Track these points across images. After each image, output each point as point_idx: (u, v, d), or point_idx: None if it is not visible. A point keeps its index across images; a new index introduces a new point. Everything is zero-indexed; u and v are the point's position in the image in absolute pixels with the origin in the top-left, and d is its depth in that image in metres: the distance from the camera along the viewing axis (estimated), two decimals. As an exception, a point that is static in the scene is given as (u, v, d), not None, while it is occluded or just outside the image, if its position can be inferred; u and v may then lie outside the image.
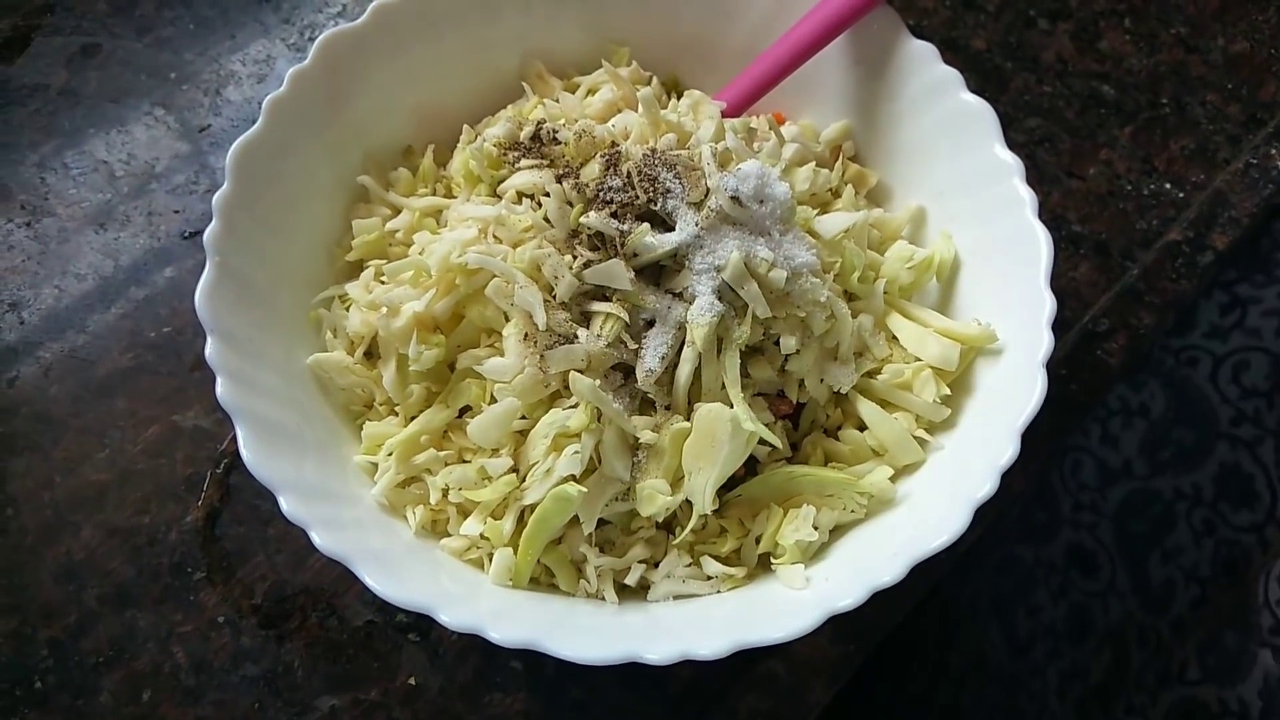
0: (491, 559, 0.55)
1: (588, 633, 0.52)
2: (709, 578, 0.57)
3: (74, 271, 0.73)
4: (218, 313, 0.55)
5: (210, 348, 0.53)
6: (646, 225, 0.56)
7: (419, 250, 0.61)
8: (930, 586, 0.65)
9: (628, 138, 0.62)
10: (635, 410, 0.56)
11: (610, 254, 0.55)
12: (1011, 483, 0.52)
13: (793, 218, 0.58)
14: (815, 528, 0.55)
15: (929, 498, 0.56)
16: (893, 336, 0.62)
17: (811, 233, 0.61)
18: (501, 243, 0.58)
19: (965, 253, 0.63)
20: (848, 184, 0.67)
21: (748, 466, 0.57)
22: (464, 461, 0.57)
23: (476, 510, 0.56)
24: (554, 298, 0.55)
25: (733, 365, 0.55)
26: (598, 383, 0.53)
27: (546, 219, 0.57)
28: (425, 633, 0.63)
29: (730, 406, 0.54)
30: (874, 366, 0.61)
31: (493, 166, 0.62)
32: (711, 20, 0.71)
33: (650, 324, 0.56)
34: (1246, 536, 0.88)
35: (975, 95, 0.61)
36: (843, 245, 0.61)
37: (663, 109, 0.64)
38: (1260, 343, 0.87)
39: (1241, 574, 0.87)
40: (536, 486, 0.54)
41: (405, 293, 0.58)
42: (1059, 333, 0.54)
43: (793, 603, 0.53)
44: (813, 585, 0.54)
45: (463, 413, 0.58)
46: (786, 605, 0.53)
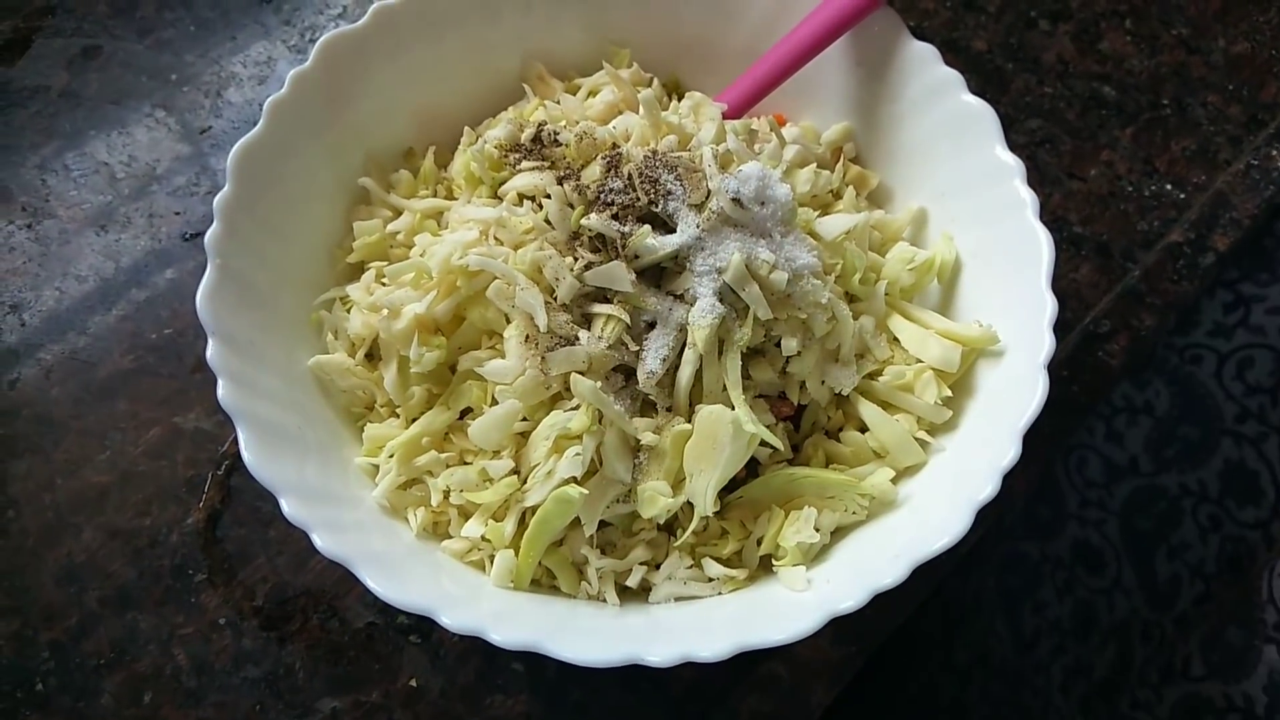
0: (493, 561, 0.55)
1: (589, 635, 0.52)
2: (710, 579, 0.57)
3: (75, 273, 0.73)
4: (219, 315, 0.55)
5: (211, 350, 0.53)
6: (648, 227, 0.56)
7: (420, 252, 0.61)
8: (932, 587, 0.65)
9: (629, 139, 0.62)
10: (636, 412, 0.56)
11: (611, 256, 0.55)
12: (1013, 484, 0.52)
13: (794, 219, 0.58)
14: (816, 529, 0.55)
15: (930, 499, 0.56)
16: (894, 338, 0.62)
17: (813, 234, 0.61)
18: (502, 244, 0.58)
19: (966, 254, 0.63)
20: (849, 185, 0.67)
21: (749, 468, 0.57)
22: (465, 463, 0.57)
23: (478, 512, 0.56)
24: (555, 299, 0.55)
25: (734, 367, 0.55)
26: (599, 384, 0.53)
27: (547, 221, 0.57)
28: (426, 634, 0.63)
29: (731, 408, 0.54)
30: (875, 368, 0.61)
31: (494, 168, 0.62)
32: (712, 22, 0.71)
33: (651, 326, 0.56)
34: (1251, 533, 0.89)
35: (976, 96, 0.61)
36: (844, 247, 0.61)
37: (664, 111, 0.64)
38: (1264, 340, 0.87)
39: (1246, 570, 0.87)
40: (538, 488, 0.54)
41: (406, 295, 0.58)
42: (1060, 334, 0.54)
43: (794, 605, 0.53)
44: (814, 587, 0.54)
45: (464, 414, 0.58)
46: (788, 607, 0.53)
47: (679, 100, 0.68)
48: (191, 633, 0.63)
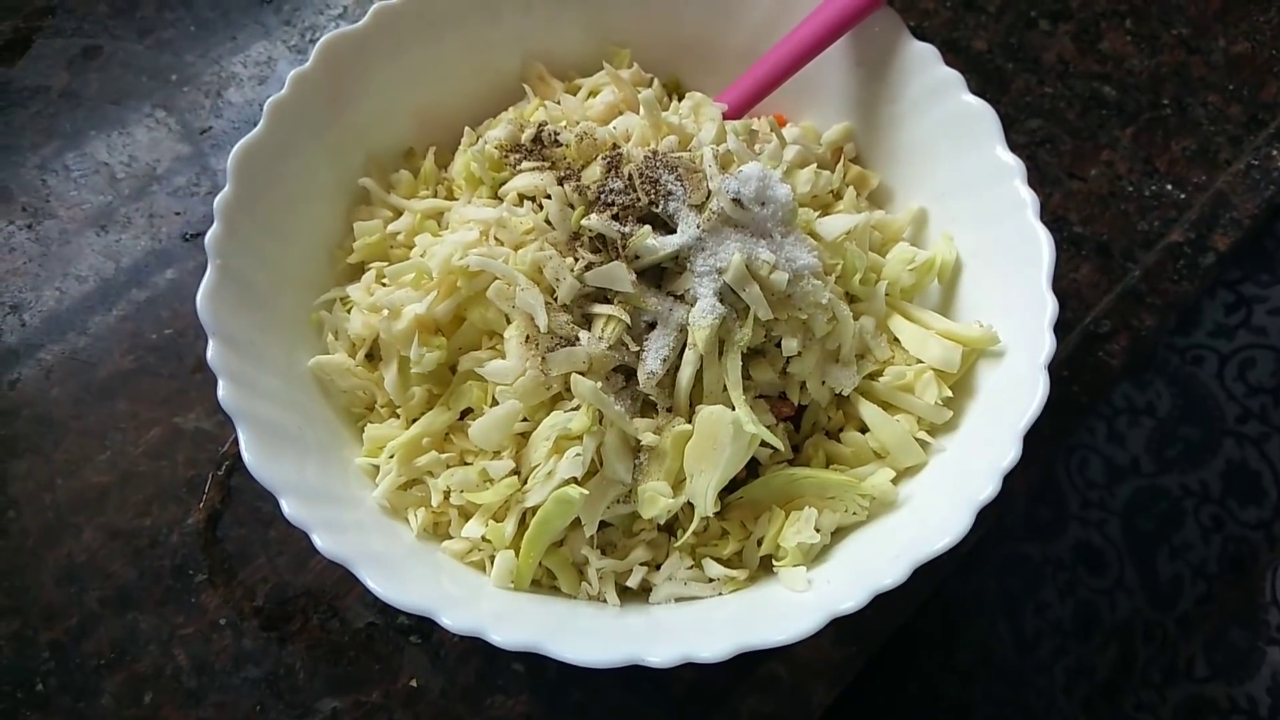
0: (493, 561, 0.55)
1: (589, 635, 0.52)
2: (710, 580, 0.57)
3: (75, 273, 0.73)
4: (219, 315, 0.55)
5: (212, 350, 0.53)
6: (648, 228, 0.56)
7: (420, 252, 0.61)
8: (933, 588, 0.65)
9: (629, 140, 0.62)
10: (637, 412, 0.55)
11: (612, 256, 0.55)
12: (1013, 484, 0.52)
13: (794, 220, 0.58)
14: (817, 530, 0.55)
15: (931, 500, 0.56)
16: (894, 338, 0.62)
17: (813, 235, 0.61)
18: (503, 245, 0.58)
19: (967, 254, 0.63)
20: (849, 186, 0.67)
21: (749, 469, 0.57)
22: (465, 464, 0.57)
23: (478, 513, 0.56)
24: (555, 300, 0.55)
25: (734, 367, 0.55)
26: (599, 385, 0.53)
27: (548, 221, 0.57)
28: (427, 635, 0.63)
29: (732, 409, 0.54)
30: (876, 368, 0.61)
31: (494, 169, 0.62)
32: (713, 22, 0.71)
33: (652, 326, 0.56)
34: (1254, 533, 0.89)
35: (976, 96, 0.61)
36: (844, 247, 0.61)
37: (664, 111, 0.64)
38: (1266, 340, 0.88)
39: (1248, 570, 0.87)
40: (538, 489, 0.54)
41: (407, 295, 0.58)
42: (1060, 334, 0.54)
43: (794, 605, 0.53)
44: (814, 587, 0.54)
45: (464, 415, 0.58)
46: (788, 608, 0.53)
47: (679, 100, 0.68)
48: (192, 633, 0.63)
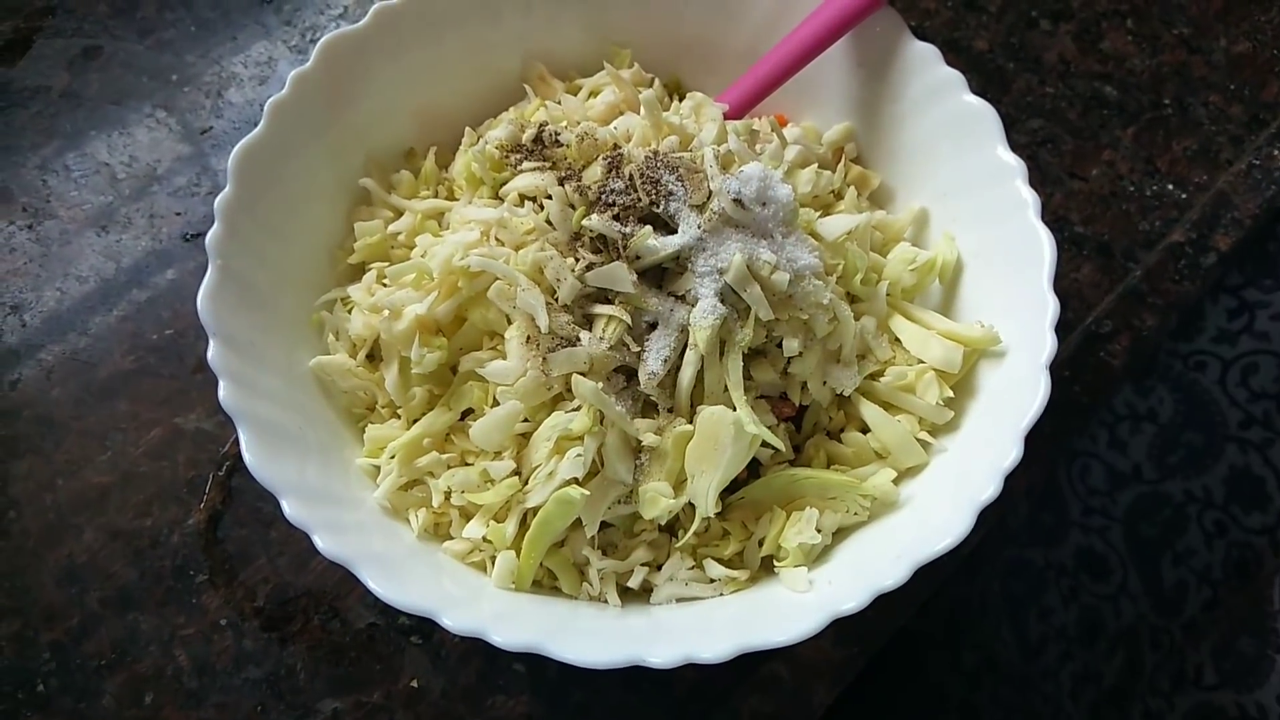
0: (494, 562, 0.55)
1: (590, 636, 0.52)
2: (712, 580, 0.57)
3: (75, 274, 0.73)
4: (219, 315, 0.55)
5: (212, 351, 0.53)
6: (649, 228, 0.56)
7: (421, 253, 0.61)
8: (934, 589, 0.65)
9: (630, 140, 0.62)
10: (638, 413, 0.55)
11: (612, 256, 0.55)
12: (1015, 485, 0.52)
13: (795, 220, 0.58)
14: (818, 530, 0.55)
15: (932, 500, 0.56)
16: (895, 339, 0.61)
17: (814, 235, 0.60)
18: (504, 245, 0.57)
19: (968, 255, 0.63)
20: (850, 186, 0.67)
21: (750, 469, 0.57)
22: (466, 464, 0.57)
23: (479, 513, 0.56)
24: (556, 300, 0.55)
25: (735, 368, 0.55)
26: (600, 385, 0.53)
27: (549, 221, 0.57)
28: (428, 635, 0.63)
29: (733, 409, 0.54)
30: (877, 369, 0.61)
31: (495, 169, 0.62)
32: (713, 22, 0.70)
33: (652, 326, 0.56)
34: (1258, 539, 0.89)
35: (977, 96, 0.61)
36: (845, 247, 0.61)
37: (665, 111, 0.64)
38: (1269, 346, 0.88)
39: (1254, 576, 0.87)
40: (539, 489, 0.54)
41: (407, 295, 0.58)
42: (1061, 334, 0.54)
43: (796, 606, 0.53)
44: (815, 588, 0.54)
45: (465, 415, 0.58)
46: (789, 608, 0.53)
47: (680, 101, 0.68)
48: (193, 633, 0.63)
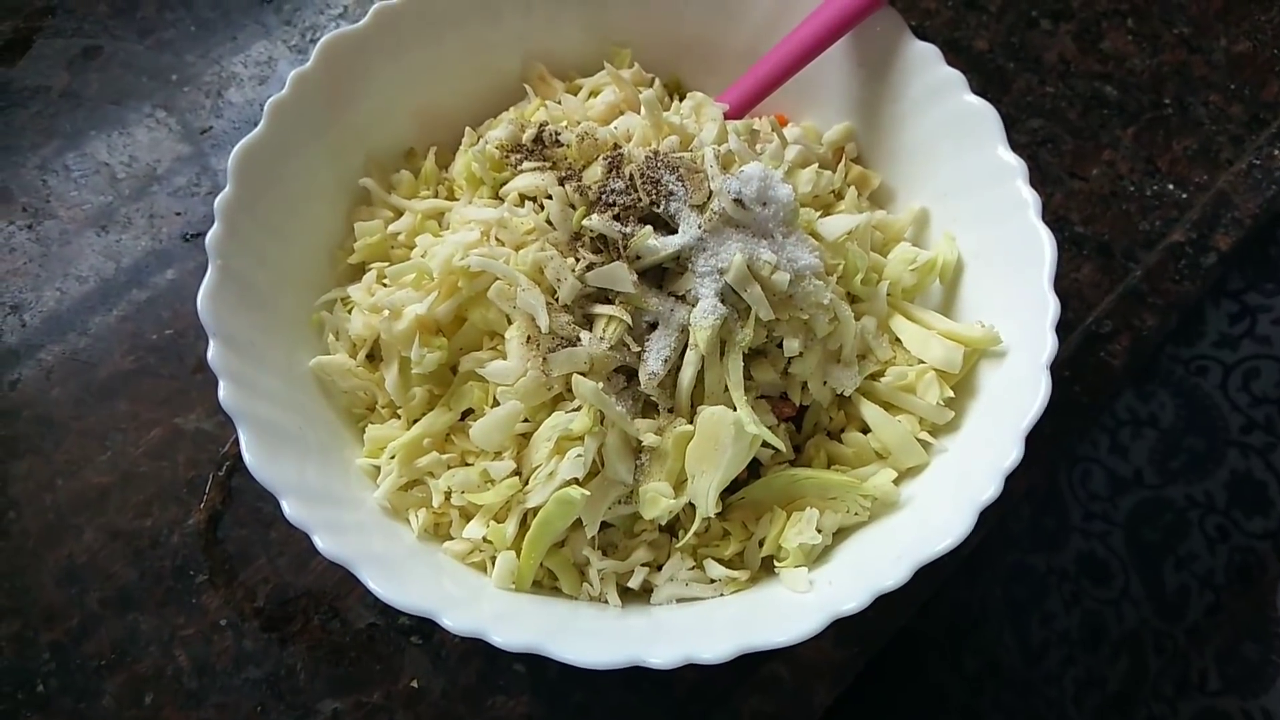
0: (494, 562, 0.55)
1: (590, 636, 0.52)
2: (712, 581, 0.57)
3: (75, 274, 0.73)
4: (219, 316, 0.55)
5: (212, 351, 0.53)
6: (649, 228, 0.56)
7: (421, 253, 0.61)
8: (934, 589, 0.65)
9: (630, 140, 0.62)
10: (638, 413, 0.55)
11: (613, 256, 0.55)
12: (1015, 486, 0.52)
13: (795, 220, 0.58)
14: (818, 531, 0.55)
15: (932, 500, 0.56)
16: (896, 339, 0.61)
17: (814, 235, 0.60)
18: (504, 245, 0.57)
19: (968, 255, 0.63)
20: (850, 186, 0.67)
21: (751, 469, 0.57)
22: (466, 465, 0.57)
23: (479, 513, 0.56)
24: (556, 300, 0.55)
25: (736, 368, 0.55)
26: (600, 385, 0.53)
27: (549, 221, 0.57)
28: (428, 636, 0.63)
29: (733, 409, 0.54)
30: (877, 369, 0.61)
31: (495, 169, 0.62)
32: (714, 22, 0.70)
33: (653, 326, 0.56)
34: (1261, 543, 0.88)
35: (978, 96, 0.61)
36: (845, 247, 0.61)
37: (665, 111, 0.64)
38: (1270, 350, 0.87)
39: (1256, 580, 0.87)
40: (539, 490, 0.54)
41: (407, 295, 0.58)
42: (1062, 334, 0.54)
43: (796, 606, 0.53)
44: (816, 588, 0.54)
45: (465, 416, 0.58)
46: (790, 608, 0.53)
47: (680, 100, 0.68)
48: (193, 634, 0.63)
